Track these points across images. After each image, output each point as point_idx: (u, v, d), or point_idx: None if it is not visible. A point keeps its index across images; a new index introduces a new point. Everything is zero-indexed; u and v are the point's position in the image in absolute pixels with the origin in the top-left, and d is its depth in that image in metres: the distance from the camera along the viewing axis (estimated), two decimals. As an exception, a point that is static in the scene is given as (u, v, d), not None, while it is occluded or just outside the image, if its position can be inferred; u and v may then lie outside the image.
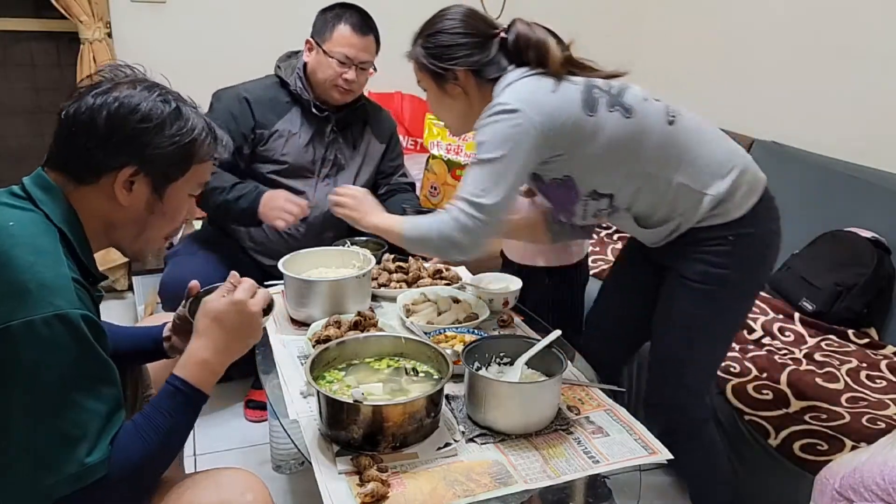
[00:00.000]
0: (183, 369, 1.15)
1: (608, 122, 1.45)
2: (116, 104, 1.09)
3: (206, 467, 1.28)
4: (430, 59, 1.53)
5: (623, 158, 1.48)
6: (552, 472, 1.24)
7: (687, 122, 1.53)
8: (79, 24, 2.93)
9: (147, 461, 1.09)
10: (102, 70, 1.16)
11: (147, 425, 1.10)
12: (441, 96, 1.57)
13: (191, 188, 1.21)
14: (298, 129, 2.28)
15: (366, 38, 2.20)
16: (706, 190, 1.49)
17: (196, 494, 1.15)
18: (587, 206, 1.57)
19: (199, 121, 1.17)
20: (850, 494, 1.21)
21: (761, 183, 1.54)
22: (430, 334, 1.63)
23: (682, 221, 1.52)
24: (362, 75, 2.25)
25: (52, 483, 0.99)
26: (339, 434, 1.26)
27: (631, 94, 1.50)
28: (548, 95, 1.44)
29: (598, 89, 1.47)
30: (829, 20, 2.68)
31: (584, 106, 1.44)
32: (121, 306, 3.16)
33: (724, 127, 3.13)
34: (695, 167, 1.50)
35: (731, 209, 1.50)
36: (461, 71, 1.52)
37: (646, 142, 1.47)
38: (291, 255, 1.86)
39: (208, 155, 1.20)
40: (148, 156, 1.12)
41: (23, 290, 0.98)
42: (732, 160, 1.52)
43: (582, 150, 1.46)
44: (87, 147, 1.09)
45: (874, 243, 2.21)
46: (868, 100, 2.55)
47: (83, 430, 1.01)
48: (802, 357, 2.05)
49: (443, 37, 1.52)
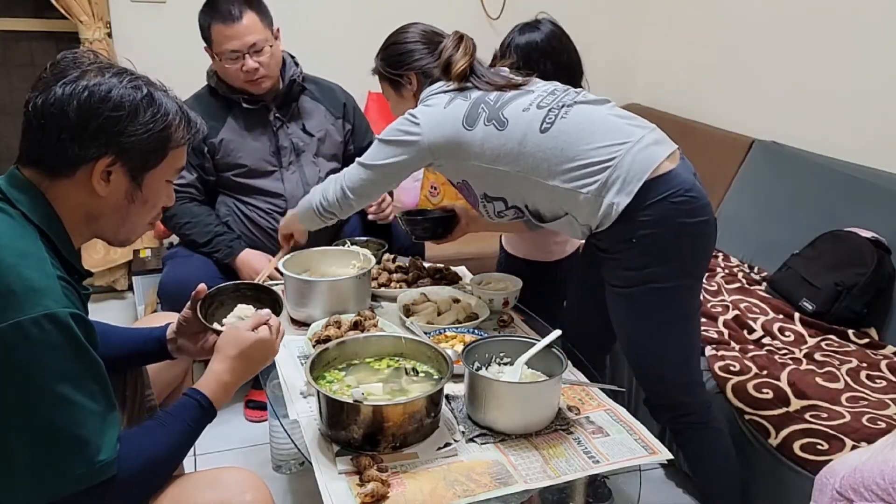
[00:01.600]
0: (206, 387, 1.20)
1: (484, 136, 1.58)
2: (86, 93, 1.06)
3: (206, 467, 1.29)
4: (386, 67, 1.76)
5: (501, 166, 1.58)
6: (552, 472, 1.24)
7: (569, 125, 1.53)
8: (79, 24, 2.92)
9: (157, 466, 1.11)
10: (65, 58, 1.11)
11: (163, 431, 1.12)
12: (398, 100, 1.78)
13: (168, 174, 1.19)
14: (243, 130, 2.26)
15: (240, 22, 2.12)
16: (578, 190, 1.52)
17: (196, 494, 1.15)
18: (486, 207, 1.72)
19: (172, 105, 1.14)
20: (850, 494, 1.21)
21: (636, 183, 1.47)
22: (430, 334, 1.63)
23: (572, 218, 1.57)
24: (262, 57, 2.17)
25: (58, 483, 1.00)
26: (339, 434, 1.26)
27: (512, 106, 1.59)
28: (439, 110, 1.62)
29: (484, 104, 1.60)
30: (830, 20, 2.68)
31: (465, 121, 1.59)
32: (121, 306, 3.15)
33: (724, 127, 3.16)
34: (565, 170, 1.52)
35: (612, 209, 1.49)
36: (412, 74, 1.72)
37: (517, 150, 1.56)
38: (291, 255, 1.86)
39: (183, 139, 1.17)
40: (123, 144, 1.08)
41: (8, 292, 0.97)
42: (605, 162, 1.49)
43: (463, 160, 1.62)
44: (59, 140, 1.06)
45: (874, 243, 2.21)
46: (868, 100, 2.54)
47: (84, 429, 1.01)
48: (802, 357, 2.05)
49: (398, 46, 1.74)
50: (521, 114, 1.57)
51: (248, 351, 1.25)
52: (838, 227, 2.33)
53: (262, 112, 2.28)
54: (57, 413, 0.99)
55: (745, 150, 2.89)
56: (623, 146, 1.50)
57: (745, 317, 2.25)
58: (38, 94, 1.07)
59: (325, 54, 2.54)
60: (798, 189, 2.60)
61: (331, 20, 3.18)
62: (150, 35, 3.07)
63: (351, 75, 2.58)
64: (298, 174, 2.32)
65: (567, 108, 1.55)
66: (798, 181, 2.62)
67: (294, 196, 2.28)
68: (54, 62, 1.11)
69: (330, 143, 2.39)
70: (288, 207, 2.27)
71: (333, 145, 2.41)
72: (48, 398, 0.99)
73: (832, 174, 2.52)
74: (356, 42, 3.23)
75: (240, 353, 1.24)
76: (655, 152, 1.51)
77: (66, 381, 1.00)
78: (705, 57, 3.29)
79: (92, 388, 1.03)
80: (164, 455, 1.11)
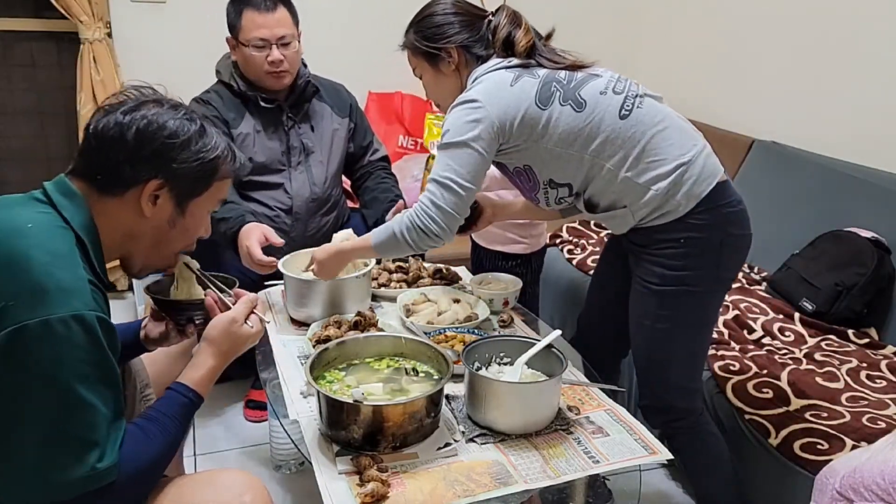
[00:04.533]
0: (197, 383, 1.20)
1: (560, 116, 1.50)
2: (145, 121, 1.13)
3: (206, 467, 1.29)
4: (423, 41, 1.63)
5: (574, 150, 1.52)
6: (552, 472, 1.24)
7: (645, 115, 1.52)
8: (79, 24, 2.92)
9: (155, 465, 1.12)
10: (126, 90, 1.20)
11: (158, 431, 1.12)
12: (436, 76, 1.66)
13: (210, 205, 1.26)
14: (258, 127, 2.28)
15: (273, 13, 2.17)
16: (649, 185, 1.51)
17: (195, 495, 1.15)
18: (548, 193, 1.63)
19: (222, 140, 1.22)
20: (850, 494, 1.21)
21: (706, 185, 1.51)
22: (430, 334, 1.63)
23: (630, 212, 1.55)
24: (288, 51, 2.20)
25: (61, 483, 1.00)
26: (339, 434, 1.26)
27: (589, 87, 1.53)
28: (506, 89, 1.51)
29: (556, 83, 1.53)
30: (830, 20, 2.68)
31: (539, 100, 1.51)
32: (121, 306, 3.15)
33: (723, 127, 3.15)
34: (641, 162, 1.51)
35: (675, 208, 1.51)
36: (453, 48, 1.61)
37: (596, 134, 1.51)
38: (291, 255, 1.86)
39: (228, 173, 1.25)
40: (174, 170, 1.15)
41: (40, 290, 1.00)
42: (680, 160, 1.51)
43: (536, 142, 1.53)
44: (115, 161, 1.13)
45: (874, 243, 2.21)
46: (868, 100, 2.54)
47: (94, 433, 1.02)
48: (802, 357, 2.05)
49: (435, 18, 1.62)
50: (599, 97, 1.52)
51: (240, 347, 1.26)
52: (838, 227, 2.33)
53: (276, 112, 2.30)
54: (71, 413, 1.01)
55: (745, 150, 2.89)
56: (695, 148, 1.53)
57: (745, 317, 2.25)
58: (101, 118, 1.14)
59: (324, 55, 2.54)
60: (798, 189, 2.60)
61: (328, 21, 3.18)
62: (150, 35, 3.08)
63: (350, 76, 2.59)
64: (306, 174, 2.34)
65: (640, 99, 1.54)
66: (798, 181, 2.62)
67: (300, 195, 2.31)
68: (119, 91, 1.20)
69: (337, 143, 2.41)
70: (293, 206, 2.29)
71: (340, 146, 2.43)
72: (65, 397, 1.00)
73: (832, 174, 2.51)
74: (354, 43, 3.25)
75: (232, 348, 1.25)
76: (717, 161, 1.56)
77: (83, 383, 1.01)
78: (705, 57, 3.29)
79: (105, 393, 1.05)
80: (159, 456, 1.12)
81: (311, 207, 2.35)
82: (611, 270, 1.80)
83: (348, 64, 2.88)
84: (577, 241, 2.89)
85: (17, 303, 0.99)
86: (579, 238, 2.93)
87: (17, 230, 1.05)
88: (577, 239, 2.91)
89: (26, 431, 1.00)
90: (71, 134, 3.15)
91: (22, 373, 0.99)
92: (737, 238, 1.57)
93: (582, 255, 2.76)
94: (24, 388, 0.99)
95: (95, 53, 2.97)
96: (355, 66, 2.99)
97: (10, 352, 0.98)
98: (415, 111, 3.42)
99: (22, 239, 1.04)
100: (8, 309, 0.98)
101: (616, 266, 1.75)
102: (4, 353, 0.98)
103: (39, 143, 3.22)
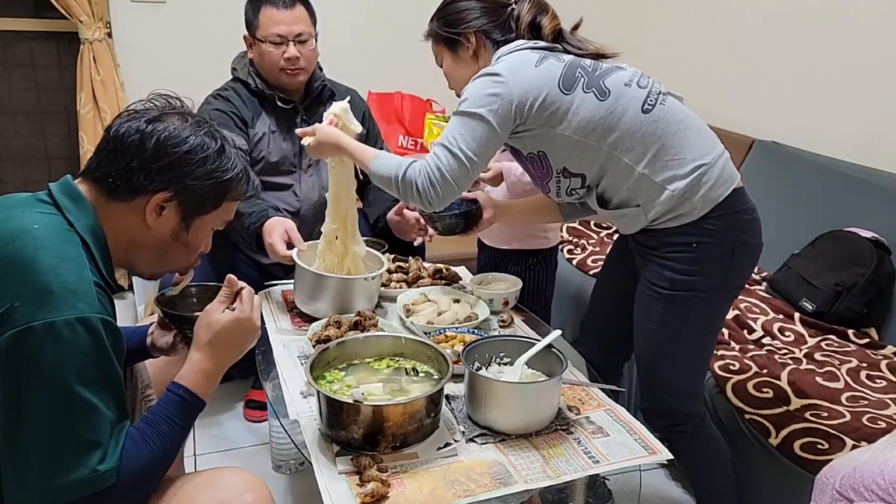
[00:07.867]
0: (186, 379, 1.17)
1: (582, 103, 1.49)
2: (166, 133, 1.14)
3: (206, 467, 1.29)
4: (444, 27, 1.65)
5: (592, 140, 1.50)
6: (552, 472, 1.24)
7: (668, 113, 1.52)
8: (79, 24, 2.92)
9: (153, 469, 1.11)
10: (153, 97, 1.21)
11: (153, 433, 1.11)
12: (455, 62, 1.68)
13: (216, 223, 1.26)
14: (273, 127, 2.28)
15: (291, 10, 2.18)
16: (665, 185, 1.50)
17: (195, 495, 1.15)
18: (560, 183, 1.60)
19: (239, 162, 1.23)
20: (850, 494, 1.21)
21: (724, 189, 1.51)
22: (430, 334, 1.63)
23: (642, 211, 1.53)
24: (304, 49, 2.21)
25: (62, 485, 1.00)
26: (339, 434, 1.26)
27: (614, 77, 1.52)
28: (530, 68, 1.50)
29: (581, 69, 1.52)
30: (830, 20, 2.68)
31: (562, 84, 1.49)
32: (121, 306, 3.16)
33: (723, 127, 3.15)
34: (659, 160, 1.50)
35: (690, 210, 1.50)
36: (471, 33, 1.62)
37: (616, 125, 1.49)
38: (309, 244, 1.85)
39: (240, 195, 1.25)
40: (186, 185, 1.16)
41: (46, 291, 1.00)
42: (699, 161, 1.50)
43: (553, 127, 1.51)
44: (130, 166, 1.13)
45: (874, 243, 2.21)
46: (868, 100, 2.54)
47: (97, 435, 1.02)
48: (802, 357, 2.05)
49: (458, 4, 1.64)
50: (623, 88, 1.51)
51: (222, 333, 1.20)
52: (838, 227, 2.33)
53: (291, 113, 2.30)
54: (74, 415, 1.01)
55: (746, 150, 2.89)
56: (714, 151, 1.53)
57: (745, 317, 2.25)
58: (123, 123, 1.15)
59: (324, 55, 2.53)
60: (798, 189, 2.60)
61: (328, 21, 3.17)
62: (150, 35, 3.08)
63: (350, 76, 2.58)
64: (316, 177, 2.33)
65: (664, 96, 1.53)
66: (798, 181, 2.62)
67: (308, 198, 2.31)
68: (148, 98, 1.21)
69: None
70: (301, 209, 2.28)
71: None
72: (68, 399, 1.00)
73: (832, 174, 2.51)
74: (354, 43, 3.25)
75: (215, 337, 1.20)
76: (734, 167, 1.56)
77: (86, 385, 1.01)
78: (705, 57, 3.29)
79: (108, 396, 1.05)
80: (157, 459, 1.11)
81: (318, 211, 2.33)
82: (616, 272, 1.80)
83: (348, 64, 2.87)
84: (578, 241, 2.90)
85: (22, 304, 0.99)
86: (579, 238, 2.93)
87: (23, 231, 1.05)
88: (578, 239, 2.92)
89: (30, 432, 1.00)
90: (71, 134, 3.15)
91: (26, 374, 0.99)
92: (750, 246, 1.56)
93: (582, 255, 2.76)
94: (28, 389, 0.99)
95: (95, 53, 2.97)
96: (355, 66, 2.98)
97: (15, 352, 0.98)
98: (415, 111, 3.42)
99: (29, 240, 1.04)
100: (14, 310, 0.98)
101: (622, 268, 1.74)
102: (10, 354, 0.98)
103: (39, 143, 3.22)
